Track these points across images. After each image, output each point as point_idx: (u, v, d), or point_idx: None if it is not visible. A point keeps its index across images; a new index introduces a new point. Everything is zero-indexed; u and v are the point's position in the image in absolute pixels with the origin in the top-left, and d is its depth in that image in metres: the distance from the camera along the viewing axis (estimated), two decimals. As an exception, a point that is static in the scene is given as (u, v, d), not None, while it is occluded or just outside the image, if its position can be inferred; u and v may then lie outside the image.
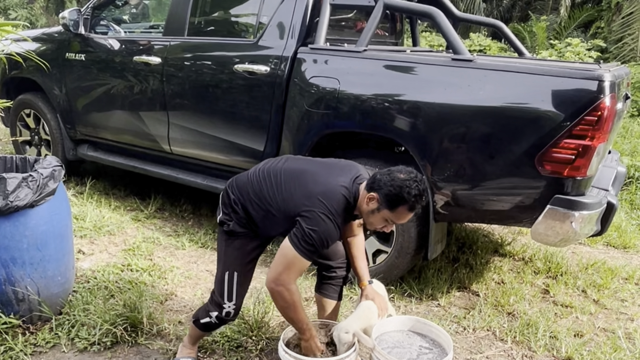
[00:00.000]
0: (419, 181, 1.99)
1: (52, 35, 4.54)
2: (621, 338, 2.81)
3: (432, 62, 2.98)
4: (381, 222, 2.08)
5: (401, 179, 1.98)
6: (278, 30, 3.35)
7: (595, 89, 2.45)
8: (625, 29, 11.21)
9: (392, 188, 1.97)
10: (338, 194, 2.03)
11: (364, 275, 2.38)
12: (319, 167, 2.17)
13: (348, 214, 2.09)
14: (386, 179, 1.99)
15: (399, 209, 2.01)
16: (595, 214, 2.67)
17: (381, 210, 2.02)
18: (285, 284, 2.05)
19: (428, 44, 11.48)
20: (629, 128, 7.53)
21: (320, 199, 2.00)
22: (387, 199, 1.99)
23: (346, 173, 2.13)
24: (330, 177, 2.09)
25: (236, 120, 3.50)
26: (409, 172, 2.02)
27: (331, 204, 2.00)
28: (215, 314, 2.26)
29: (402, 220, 2.09)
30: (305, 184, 2.07)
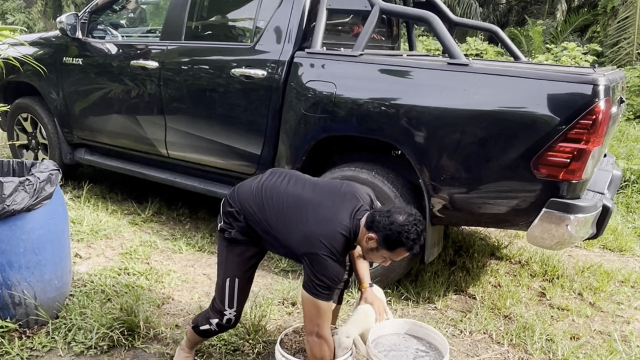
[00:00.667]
0: (417, 223, 2.00)
1: (49, 39, 4.54)
2: (617, 341, 2.82)
3: (428, 67, 2.99)
4: (380, 259, 2.11)
5: (399, 223, 1.98)
6: (275, 34, 3.37)
7: (590, 93, 2.47)
8: (620, 33, 11.26)
9: (390, 232, 1.98)
10: (338, 233, 2.03)
11: (365, 278, 2.39)
12: (321, 198, 2.14)
13: (349, 248, 2.11)
14: (385, 222, 1.99)
15: (397, 250, 2.03)
16: (591, 217, 2.69)
17: (380, 250, 2.04)
18: (325, 336, 2.09)
19: (425, 48, 11.51)
20: (625, 132, 7.56)
21: (322, 240, 2.00)
22: (386, 241, 2.00)
23: (347, 205, 2.11)
24: (331, 211, 2.09)
25: (233, 124, 3.51)
26: (407, 215, 2.01)
27: (332, 244, 2.00)
28: (215, 321, 2.26)
29: (400, 258, 2.11)
30: (307, 222, 2.06)
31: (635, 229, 4.49)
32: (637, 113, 9.09)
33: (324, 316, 2.07)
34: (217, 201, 4.00)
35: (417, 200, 3.02)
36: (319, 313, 2.06)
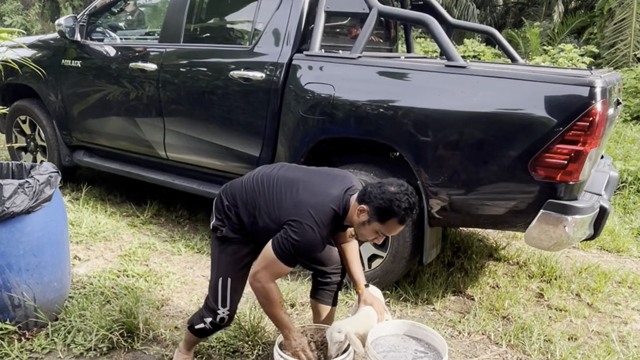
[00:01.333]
0: (409, 194, 2.00)
1: (48, 42, 4.55)
2: (615, 341, 2.83)
3: (425, 69, 3.01)
4: (372, 234, 2.10)
5: (391, 192, 1.98)
6: (273, 37, 3.38)
7: (586, 95, 2.49)
8: (617, 34, 11.30)
9: (382, 201, 1.98)
10: (327, 206, 2.04)
11: (360, 279, 2.39)
12: (312, 177, 2.19)
13: (337, 225, 2.11)
14: (377, 192, 2.00)
15: (389, 222, 2.02)
16: (588, 218, 2.70)
17: (372, 222, 2.04)
18: (262, 281, 2.10)
19: (422, 50, 11.54)
20: (622, 133, 7.59)
21: (309, 210, 2.02)
22: (378, 211, 2.00)
23: (338, 184, 2.14)
24: (321, 187, 2.11)
25: (232, 126, 3.52)
26: (399, 185, 2.02)
27: (319, 216, 2.01)
28: (209, 319, 2.27)
29: (392, 233, 2.11)
30: (297, 193, 2.09)
31: (633, 230, 4.50)
32: (634, 114, 9.12)
33: (270, 271, 2.09)
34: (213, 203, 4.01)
35: (415, 201, 3.03)
36: (268, 267, 2.08)
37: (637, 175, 5.45)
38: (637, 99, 9.18)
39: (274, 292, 2.14)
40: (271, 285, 2.11)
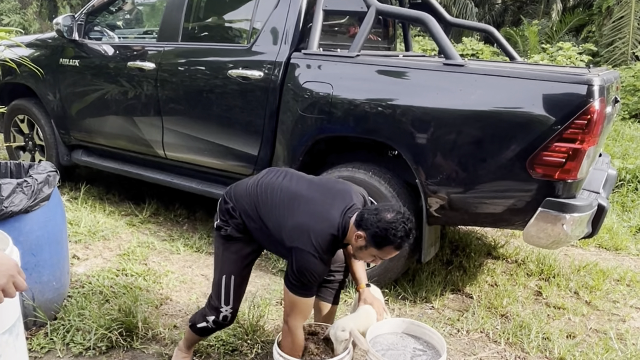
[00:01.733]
0: (405, 221, 2.00)
1: (45, 41, 4.54)
2: (613, 339, 2.84)
3: (424, 67, 3.01)
4: (369, 258, 2.12)
5: (387, 220, 1.98)
6: (271, 35, 3.38)
7: (584, 93, 2.49)
8: (616, 32, 11.32)
9: (378, 230, 1.98)
10: (327, 232, 2.05)
11: (362, 278, 2.40)
12: (313, 193, 2.17)
13: (337, 246, 2.13)
14: (373, 219, 1.99)
15: (386, 249, 2.03)
16: (586, 216, 2.71)
17: (368, 248, 2.05)
18: (292, 328, 2.13)
19: (421, 48, 11.54)
20: (620, 131, 7.59)
21: (310, 236, 2.02)
22: (374, 239, 2.00)
23: (338, 203, 2.13)
24: (322, 208, 2.11)
25: (230, 125, 3.52)
26: (396, 212, 2.01)
27: (319, 243, 2.02)
28: (212, 318, 2.27)
29: (389, 257, 2.12)
30: (298, 214, 2.09)
31: (631, 228, 4.51)
32: (632, 112, 9.13)
33: (296, 309, 2.11)
34: (214, 202, 4.01)
35: (413, 200, 3.04)
36: (293, 306, 2.11)
37: (635, 174, 5.46)
38: (635, 97, 9.19)
39: (300, 343, 2.18)
40: (299, 333, 2.15)
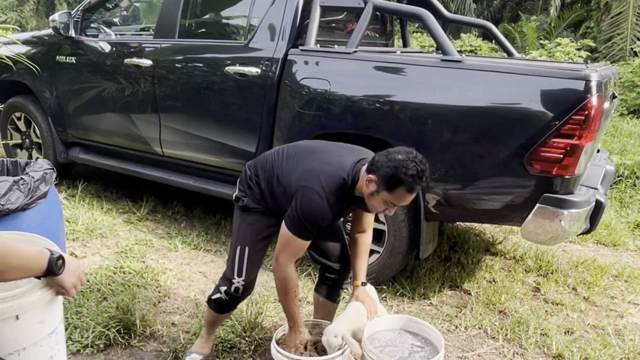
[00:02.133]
0: (417, 161, 1.94)
1: (42, 38, 4.53)
2: (611, 334, 2.84)
3: (421, 63, 3.00)
4: (382, 205, 2.05)
5: (398, 160, 1.93)
6: (268, 32, 3.36)
7: (582, 89, 2.48)
8: (614, 28, 11.31)
9: (388, 169, 1.93)
10: (336, 173, 2.04)
11: (360, 275, 2.38)
12: (329, 147, 2.23)
13: (346, 194, 2.08)
14: (383, 160, 1.95)
15: (397, 191, 1.97)
16: (584, 212, 2.71)
17: (380, 192, 1.99)
18: (282, 264, 2.11)
19: (419, 44, 11.53)
20: (618, 127, 7.60)
21: (318, 175, 2.02)
22: (385, 180, 1.95)
23: (354, 155, 2.14)
24: (334, 156, 2.13)
25: (228, 122, 3.51)
26: (407, 153, 1.97)
27: (327, 181, 2.01)
28: (224, 288, 2.29)
29: (402, 203, 2.04)
30: (310, 161, 2.12)
31: (629, 224, 4.52)
32: (630, 108, 9.14)
33: (288, 248, 2.10)
34: (212, 199, 4.01)
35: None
36: (287, 243, 2.10)
37: (633, 170, 5.46)
38: (633, 93, 9.20)
39: (292, 281, 2.14)
40: (290, 271, 2.12)
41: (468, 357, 2.63)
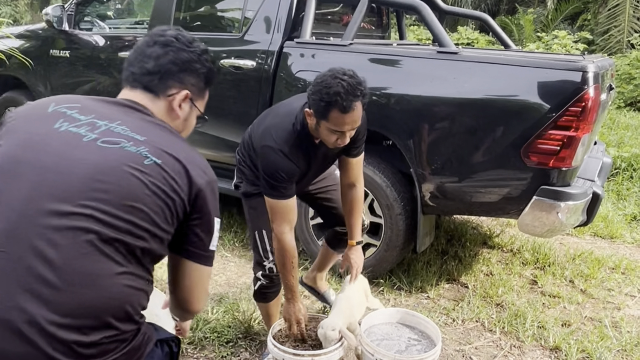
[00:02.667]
0: (340, 76, 1.79)
1: (35, 32, 4.49)
2: (608, 327, 2.84)
3: (417, 55, 2.98)
4: (330, 136, 1.93)
5: (321, 83, 1.80)
6: (264, 24, 3.34)
7: (579, 80, 2.47)
8: (611, 20, 11.29)
9: (315, 96, 1.82)
10: (284, 122, 2.00)
11: (355, 234, 2.36)
12: (284, 101, 2.24)
13: (301, 140, 2.01)
14: (310, 90, 1.85)
15: (331, 115, 1.84)
16: (581, 205, 2.70)
17: (320, 123, 1.89)
18: (277, 234, 2.09)
19: (416, 37, 11.49)
20: (616, 119, 7.60)
21: (269, 131, 1.99)
22: (316, 109, 1.85)
23: (302, 99, 2.05)
24: (283, 107, 2.12)
25: (223, 115, 3.48)
26: (331, 71, 1.83)
27: (277, 133, 1.98)
28: (260, 273, 2.30)
29: (345, 126, 1.89)
30: (265, 121, 2.11)
31: (626, 216, 4.52)
32: (627, 101, 9.14)
33: (276, 215, 2.07)
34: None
35: (408, 190, 3.02)
36: (272, 211, 2.08)
37: (630, 162, 5.46)
38: (630, 86, 9.19)
39: (289, 251, 2.11)
40: (286, 239, 2.09)
41: (465, 350, 2.62)
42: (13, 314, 1.10)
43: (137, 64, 1.41)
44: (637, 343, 2.70)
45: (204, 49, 1.47)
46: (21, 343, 1.09)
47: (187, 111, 1.47)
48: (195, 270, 1.39)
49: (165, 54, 1.39)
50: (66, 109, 1.31)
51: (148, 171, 1.24)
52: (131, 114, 1.35)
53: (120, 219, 1.19)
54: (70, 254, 1.14)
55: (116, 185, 1.20)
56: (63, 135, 1.25)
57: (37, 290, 1.11)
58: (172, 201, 1.26)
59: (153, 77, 1.39)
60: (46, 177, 1.19)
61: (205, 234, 1.36)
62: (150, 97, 1.40)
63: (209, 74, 1.49)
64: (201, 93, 1.50)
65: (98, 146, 1.23)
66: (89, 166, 1.20)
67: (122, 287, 1.20)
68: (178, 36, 1.43)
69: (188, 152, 1.35)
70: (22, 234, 1.14)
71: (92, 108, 1.33)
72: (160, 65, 1.39)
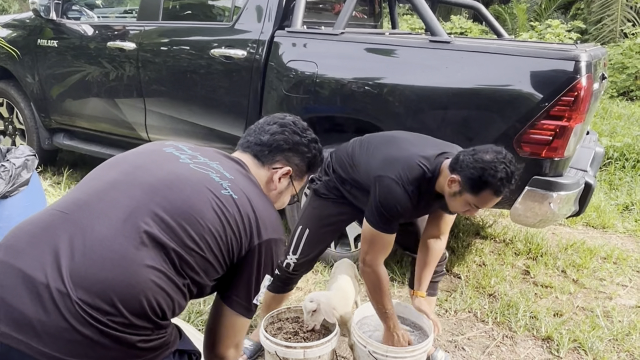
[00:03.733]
0: (507, 162, 1.80)
1: (23, 21, 4.41)
2: (599, 316, 2.84)
3: (409, 44, 2.96)
4: (463, 207, 1.93)
5: (486, 161, 1.79)
6: (254, 13, 3.29)
7: (571, 70, 2.45)
8: (604, 10, 11.26)
9: (474, 170, 1.79)
10: (415, 162, 1.94)
11: (423, 286, 2.28)
12: (410, 137, 2.16)
13: (425, 187, 1.98)
14: (469, 160, 1.81)
15: (483, 194, 1.84)
16: (573, 195, 2.69)
17: (463, 193, 1.87)
18: (372, 265, 2.04)
19: (409, 27, 11.44)
20: (608, 109, 7.60)
21: (396, 164, 1.94)
22: (470, 182, 1.82)
23: (435, 147, 2.05)
24: (414, 146, 2.04)
25: (214, 106, 3.45)
26: (496, 152, 1.83)
27: (405, 170, 1.92)
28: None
29: (487, 206, 1.93)
30: (389, 150, 2.05)
31: (618, 206, 4.52)
32: (620, 90, 9.15)
33: (375, 246, 2.02)
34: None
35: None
36: (372, 241, 2.02)
37: (622, 152, 5.47)
38: (623, 75, 9.20)
39: (384, 280, 2.07)
40: (381, 270, 2.05)
41: (458, 340, 2.62)
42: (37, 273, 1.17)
43: (254, 135, 1.59)
44: (628, 332, 2.71)
45: (314, 138, 1.62)
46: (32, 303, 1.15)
47: (284, 186, 1.59)
48: (231, 317, 1.43)
49: (280, 132, 1.55)
50: (181, 145, 1.52)
51: (221, 198, 1.35)
52: (232, 164, 1.49)
53: (176, 224, 1.27)
54: (114, 232, 1.23)
55: (187, 195, 1.32)
56: (166, 154, 1.46)
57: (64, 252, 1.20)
58: (231, 234, 1.33)
59: (264, 148, 1.55)
60: (136, 174, 1.37)
61: (251, 286, 1.40)
62: (256, 163, 1.55)
63: (313, 160, 1.62)
64: (301, 175, 1.63)
65: (189, 166, 1.41)
66: (172, 174, 1.36)
67: (147, 279, 1.22)
68: (295, 121, 1.60)
69: (267, 208, 1.44)
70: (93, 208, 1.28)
71: (201, 149, 1.52)
72: (273, 140, 1.55)
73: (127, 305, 1.19)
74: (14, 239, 1.25)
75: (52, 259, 1.18)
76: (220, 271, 1.35)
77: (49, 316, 1.14)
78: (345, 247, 3.20)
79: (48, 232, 1.23)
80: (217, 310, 1.44)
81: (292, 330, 2.29)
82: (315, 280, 3.04)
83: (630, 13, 11.07)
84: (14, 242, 1.24)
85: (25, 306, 1.14)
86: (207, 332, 1.49)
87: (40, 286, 1.15)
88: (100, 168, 1.47)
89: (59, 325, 1.14)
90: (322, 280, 3.04)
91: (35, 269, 1.17)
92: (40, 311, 1.14)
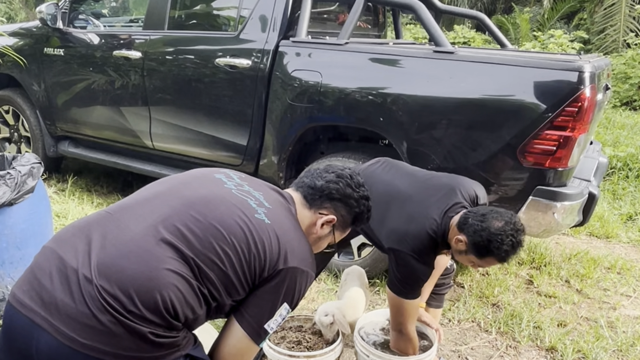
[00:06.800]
0: (514, 232, 1.81)
1: (29, 29, 4.45)
2: (603, 327, 2.83)
3: (413, 55, 2.97)
4: (467, 263, 1.98)
5: (493, 230, 1.80)
6: (259, 23, 3.32)
7: (575, 80, 2.46)
8: (607, 20, 11.29)
9: (481, 238, 1.81)
10: (425, 234, 1.94)
11: (423, 297, 2.30)
12: (413, 191, 2.10)
13: (436, 247, 2.01)
14: (477, 227, 1.82)
15: (487, 259, 1.87)
16: (577, 205, 2.69)
17: (468, 254, 1.90)
18: (407, 333, 2.08)
19: (413, 36, 11.48)
20: (611, 119, 7.60)
21: (406, 237, 1.95)
22: (475, 247, 1.85)
23: (439, 202, 2.02)
24: (420, 208, 2.01)
25: (218, 114, 3.47)
26: (505, 222, 1.82)
27: (417, 245, 1.94)
28: None
29: (490, 266, 2.01)
30: (396, 217, 2.03)
31: (622, 216, 4.52)
32: (623, 100, 9.15)
33: (405, 314, 2.04)
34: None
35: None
36: (400, 310, 2.04)
37: (626, 161, 5.46)
38: (626, 85, 9.20)
39: (416, 343, 2.13)
40: (414, 335, 2.10)
41: (461, 350, 2.62)
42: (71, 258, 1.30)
43: (310, 177, 1.67)
44: (632, 343, 2.70)
45: (366, 195, 1.66)
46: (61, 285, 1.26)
47: (324, 232, 1.63)
48: (237, 335, 1.43)
49: (335, 182, 1.62)
50: (232, 173, 1.62)
51: (253, 221, 1.42)
52: (277, 197, 1.56)
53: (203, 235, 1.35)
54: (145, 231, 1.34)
55: (220, 212, 1.41)
56: (214, 179, 1.56)
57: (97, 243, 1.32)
58: (255, 253, 1.38)
59: (316, 192, 1.61)
60: (179, 188, 1.50)
61: (265, 307, 1.41)
62: (304, 204, 1.62)
63: (360, 216, 1.66)
64: (344, 226, 1.67)
65: (231, 191, 1.50)
66: (212, 194, 1.46)
67: (165, 279, 1.28)
68: (352, 175, 1.66)
69: (300, 239, 1.50)
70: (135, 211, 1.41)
71: (250, 180, 1.60)
72: (327, 187, 1.61)
73: (141, 298, 1.25)
74: (64, 231, 1.40)
75: (85, 248, 1.31)
76: (242, 292, 1.38)
77: (72, 299, 1.23)
78: (348, 255, 3.20)
79: (91, 226, 1.37)
80: (227, 325, 1.46)
81: (295, 339, 2.29)
82: (318, 289, 3.04)
83: (633, 23, 11.10)
84: (63, 233, 1.39)
85: (53, 286, 1.25)
86: (212, 347, 1.49)
87: (70, 270, 1.27)
88: (153, 183, 1.59)
89: (79, 309, 1.22)
90: (326, 288, 3.04)
91: (70, 255, 1.30)
92: (67, 293, 1.24)
